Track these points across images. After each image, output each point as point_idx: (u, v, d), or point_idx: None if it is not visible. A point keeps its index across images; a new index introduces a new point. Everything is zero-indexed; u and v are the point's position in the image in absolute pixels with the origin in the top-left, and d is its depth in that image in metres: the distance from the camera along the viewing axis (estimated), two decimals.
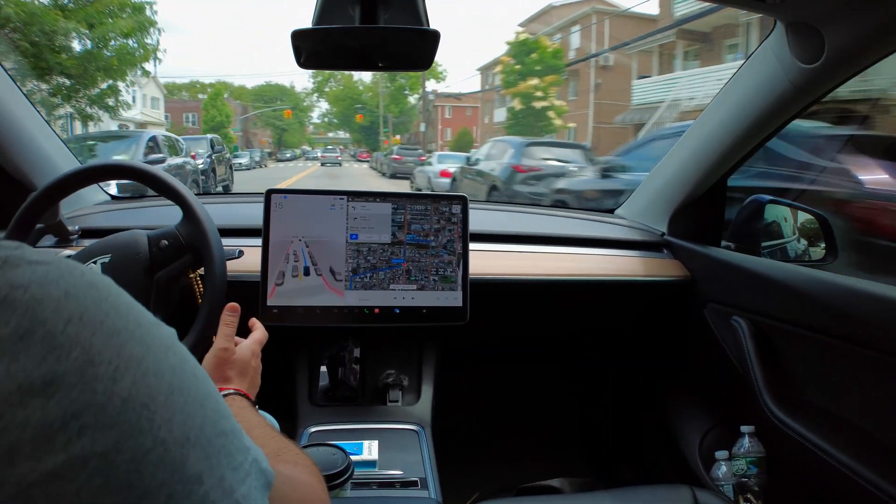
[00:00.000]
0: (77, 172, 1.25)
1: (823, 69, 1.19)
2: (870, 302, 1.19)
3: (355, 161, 52.60)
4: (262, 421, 0.84)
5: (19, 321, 0.32)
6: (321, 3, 0.96)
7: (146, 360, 0.36)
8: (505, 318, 1.81)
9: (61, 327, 0.33)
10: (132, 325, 0.37)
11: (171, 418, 0.36)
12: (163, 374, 0.37)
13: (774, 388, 1.41)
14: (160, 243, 1.23)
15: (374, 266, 1.46)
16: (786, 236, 1.68)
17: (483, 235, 1.71)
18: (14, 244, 0.37)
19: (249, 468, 0.43)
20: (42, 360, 0.32)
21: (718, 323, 1.62)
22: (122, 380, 0.34)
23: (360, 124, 56.60)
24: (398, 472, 1.26)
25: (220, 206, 1.86)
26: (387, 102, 52.21)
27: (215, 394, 0.43)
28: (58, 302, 0.34)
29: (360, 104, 57.48)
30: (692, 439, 1.70)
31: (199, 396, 0.39)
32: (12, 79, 1.49)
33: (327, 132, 78.90)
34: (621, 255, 1.78)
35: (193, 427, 0.37)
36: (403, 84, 51.75)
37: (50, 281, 0.35)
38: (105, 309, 0.36)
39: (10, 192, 1.53)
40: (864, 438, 1.23)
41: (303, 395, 1.53)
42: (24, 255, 0.36)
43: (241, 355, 0.98)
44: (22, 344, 0.32)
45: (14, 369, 0.31)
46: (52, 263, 0.36)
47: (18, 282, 0.34)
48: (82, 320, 0.34)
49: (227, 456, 0.40)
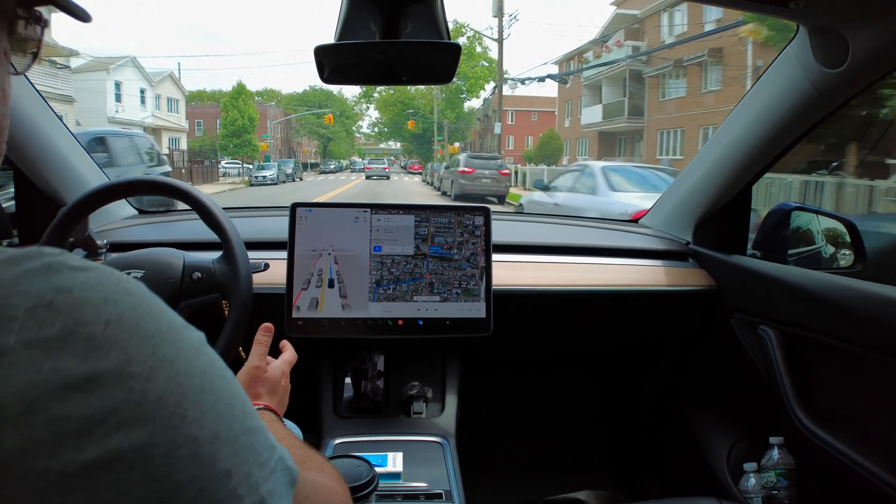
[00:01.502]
0: (108, 187, 1.28)
1: (848, 73, 1.18)
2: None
3: (405, 173, 49.20)
4: (290, 434, 0.85)
5: (64, 322, 0.34)
6: (343, 18, 0.97)
7: (178, 361, 0.38)
8: (529, 330, 1.80)
9: (101, 329, 0.35)
10: (164, 329, 0.39)
11: (201, 416, 0.38)
12: (193, 375, 0.39)
13: (804, 398, 1.39)
14: (193, 275, 1.23)
15: (398, 278, 1.46)
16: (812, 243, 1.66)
17: (506, 246, 1.71)
18: (56, 251, 0.39)
19: (275, 465, 0.45)
20: (84, 359, 0.34)
21: (745, 333, 1.59)
22: (156, 378, 0.36)
23: (412, 132, 52.04)
24: (423, 485, 1.26)
25: (247, 219, 1.88)
26: (442, 107, 48.21)
27: (242, 394, 0.44)
28: (98, 306, 0.36)
29: (412, 109, 52.37)
30: (719, 451, 1.67)
31: (227, 396, 0.41)
32: (41, 96, 1.53)
33: (378, 143, 75.00)
34: (646, 264, 1.76)
35: (222, 425, 0.39)
36: (461, 86, 46.97)
37: (90, 286, 0.37)
38: (140, 313, 0.38)
39: (40, 207, 1.57)
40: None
41: (327, 407, 1.54)
42: (66, 262, 0.38)
43: (271, 374, 1.00)
44: (66, 343, 0.34)
45: (59, 366, 0.33)
46: (91, 270, 0.38)
47: (62, 286, 0.36)
48: (120, 323, 0.36)
49: (254, 453, 0.42)
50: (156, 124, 32.96)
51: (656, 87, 26.53)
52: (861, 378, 1.31)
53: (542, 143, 33.59)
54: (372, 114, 69.89)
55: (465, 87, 46.65)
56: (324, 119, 50.62)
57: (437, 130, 48.37)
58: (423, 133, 52.54)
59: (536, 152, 33.37)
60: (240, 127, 38.64)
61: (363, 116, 70.88)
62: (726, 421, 1.75)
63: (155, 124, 32.86)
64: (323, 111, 51.13)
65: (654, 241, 1.88)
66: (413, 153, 59.78)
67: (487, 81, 45.76)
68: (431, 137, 50.60)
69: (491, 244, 1.50)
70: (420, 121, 49.72)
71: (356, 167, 53.01)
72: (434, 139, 49.16)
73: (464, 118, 49.87)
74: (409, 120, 47.52)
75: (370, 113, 70.16)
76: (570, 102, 35.37)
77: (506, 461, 2.09)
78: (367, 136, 76.02)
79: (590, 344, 2.01)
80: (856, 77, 1.19)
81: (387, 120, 59.67)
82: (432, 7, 0.97)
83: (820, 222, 1.68)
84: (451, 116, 47.64)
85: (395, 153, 74.89)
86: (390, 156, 70.34)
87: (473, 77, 45.08)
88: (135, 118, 30.74)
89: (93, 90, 26.48)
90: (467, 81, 45.43)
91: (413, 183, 32.80)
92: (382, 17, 0.97)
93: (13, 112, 1.41)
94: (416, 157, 55.86)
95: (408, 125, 47.22)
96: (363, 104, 65.81)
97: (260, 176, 28.92)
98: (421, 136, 53.49)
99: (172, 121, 35.90)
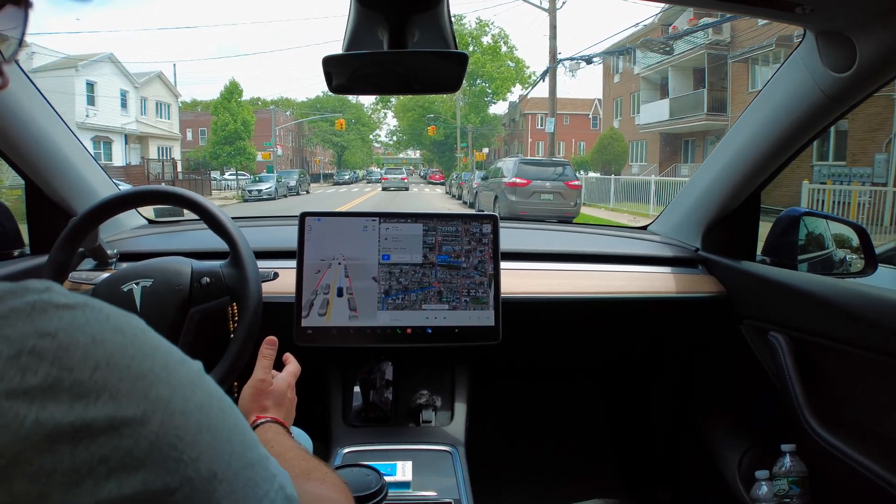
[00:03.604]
0: (118, 198, 1.29)
1: (856, 77, 1.17)
2: None
3: (426, 184, 45.62)
4: (296, 445, 0.86)
5: (48, 370, 0.33)
6: (351, 29, 0.98)
7: (173, 400, 0.37)
8: (538, 337, 1.80)
9: (89, 374, 0.34)
10: (158, 367, 0.38)
11: (198, 457, 0.37)
12: (190, 413, 0.38)
13: (815, 405, 1.38)
14: (202, 280, 1.24)
15: (406, 287, 1.46)
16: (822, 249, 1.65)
17: (515, 254, 1.71)
18: (42, 286, 0.37)
19: (275, 496, 0.44)
20: (70, 408, 0.32)
21: (755, 339, 1.59)
22: (149, 422, 0.35)
23: (433, 139, 47.47)
24: (432, 494, 1.26)
25: (256, 228, 1.89)
26: (465, 112, 43.66)
27: (241, 425, 0.43)
28: (85, 349, 0.35)
29: (433, 114, 47.74)
30: (731, 458, 1.66)
31: (226, 430, 0.40)
32: (52, 107, 1.54)
33: (396, 152, 71.02)
34: (655, 271, 1.76)
35: (220, 462, 0.38)
36: (485, 88, 43.46)
37: (77, 327, 0.35)
38: (131, 353, 0.37)
39: (51, 217, 1.58)
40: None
41: (336, 416, 1.54)
42: (51, 300, 0.36)
43: (277, 387, 1.00)
44: (51, 392, 0.32)
45: (43, 417, 0.32)
46: (78, 307, 0.37)
47: (46, 329, 0.34)
48: (109, 366, 0.35)
49: (254, 487, 0.41)
50: (141, 131, 30.08)
51: (744, 76, 21.14)
52: (873, 384, 1.30)
53: (602, 146, 27.02)
54: (390, 121, 66.00)
55: (490, 88, 43.55)
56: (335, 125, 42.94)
57: (459, 136, 44.60)
58: (445, 140, 48.82)
59: (595, 157, 27.44)
60: (232, 132, 33.18)
61: (381, 125, 67.29)
62: (737, 428, 1.74)
63: (140, 131, 29.98)
64: (335, 115, 45.26)
65: (662, 247, 1.87)
66: (434, 162, 55.95)
67: (514, 83, 42.93)
68: (454, 144, 46.85)
69: (499, 252, 1.50)
70: (441, 126, 45.78)
71: (373, 177, 48.18)
72: (457, 146, 45.26)
73: (489, 122, 46.67)
74: (430, 126, 44.03)
75: (388, 121, 66.44)
76: (620, 100, 30.03)
77: (515, 469, 2.08)
78: (386, 145, 72.78)
79: (598, 351, 2.00)
80: (864, 80, 1.19)
81: (405, 127, 55.47)
82: (439, 17, 0.97)
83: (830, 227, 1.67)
84: (476, 121, 44.00)
85: (414, 162, 71.96)
86: (409, 165, 67.39)
87: (500, 78, 42.20)
88: (113, 124, 27.62)
89: (56, 90, 21.21)
90: (493, 83, 42.60)
91: (436, 196, 28.71)
92: (390, 27, 0.98)
93: (23, 122, 1.42)
94: (437, 166, 52.37)
95: (428, 131, 43.78)
96: (380, 111, 62.93)
97: (255, 190, 25.57)
98: (442, 143, 49.57)
99: (162, 127, 32.60)
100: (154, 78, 31.42)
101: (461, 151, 43.77)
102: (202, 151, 36.20)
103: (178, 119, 35.04)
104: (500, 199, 13.32)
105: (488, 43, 42.52)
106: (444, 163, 50.15)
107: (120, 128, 27.94)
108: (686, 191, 1.89)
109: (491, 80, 42.49)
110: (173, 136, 33.49)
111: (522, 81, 43.44)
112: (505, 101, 45.79)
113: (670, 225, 1.97)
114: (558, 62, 19.18)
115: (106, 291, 1.22)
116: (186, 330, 1.21)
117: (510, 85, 43.28)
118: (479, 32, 42.38)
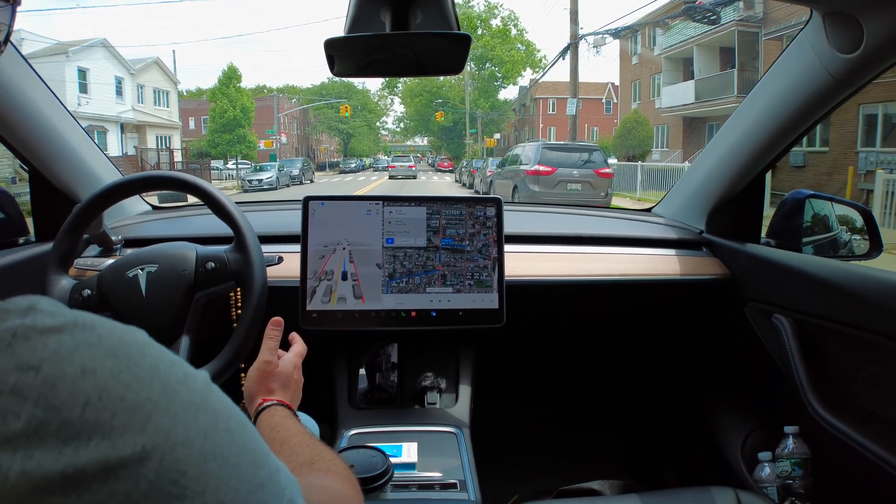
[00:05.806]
0: (122, 184, 1.29)
1: (863, 58, 1.16)
2: None
3: (434, 171, 44.52)
4: (302, 430, 0.86)
5: (32, 412, 0.29)
6: (353, 11, 0.97)
7: (174, 430, 0.34)
8: (541, 320, 1.80)
9: (79, 413, 0.30)
10: (156, 394, 0.34)
11: (203, 490, 0.33)
12: (193, 443, 0.34)
13: (819, 387, 1.38)
14: (207, 265, 1.24)
15: (410, 271, 1.47)
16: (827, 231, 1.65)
17: (519, 237, 1.71)
18: (25, 306, 0.34)
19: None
20: (59, 454, 0.29)
21: (760, 322, 1.59)
22: (148, 459, 0.32)
23: (441, 125, 45.88)
24: (437, 474, 1.27)
25: (260, 213, 1.90)
26: (474, 96, 42.45)
27: (251, 442, 0.40)
28: (73, 383, 0.31)
29: (441, 99, 46.43)
30: (734, 440, 1.67)
31: (234, 455, 0.37)
32: (54, 94, 1.54)
33: (404, 140, 70.20)
34: (660, 254, 1.76)
35: (228, 491, 0.35)
36: (495, 72, 42.10)
37: (64, 356, 0.32)
38: (126, 380, 0.33)
39: (55, 203, 1.58)
40: None
41: (342, 399, 1.55)
42: (35, 324, 0.33)
43: (283, 368, 1.00)
44: (36, 438, 0.29)
45: (29, 467, 0.28)
46: (66, 330, 0.33)
47: (28, 362, 0.31)
48: (101, 400, 0.31)
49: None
50: (138, 120, 28.49)
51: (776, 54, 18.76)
52: (876, 367, 1.30)
53: (626, 131, 24.65)
54: (397, 108, 64.70)
55: (499, 72, 42.18)
56: (347, 116, 44.44)
57: (469, 122, 42.96)
58: (454, 126, 46.87)
59: (617, 142, 25.14)
60: (230, 119, 32.10)
61: (387, 111, 66.08)
62: (741, 410, 1.74)
63: (137, 120, 28.39)
64: (340, 101, 44.73)
65: (667, 230, 1.87)
66: (442, 149, 53.37)
67: (524, 67, 42.20)
68: (462, 131, 45.11)
69: (503, 235, 1.50)
70: (449, 112, 44.37)
71: (380, 165, 46.45)
72: (466, 132, 43.63)
73: (499, 107, 45.00)
74: (438, 111, 42.92)
75: (395, 107, 65.27)
76: (639, 82, 27.92)
77: (520, 451, 2.09)
78: (393, 132, 71.68)
79: (602, 334, 2.00)
80: (871, 62, 1.17)
81: (412, 113, 54.08)
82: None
83: (835, 209, 1.67)
84: (485, 106, 42.59)
85: (421, 149, 70.69)
86: (416, 152, 66.15)
87: (510, 62, 41.36)
88: (108, 112, 26.03)
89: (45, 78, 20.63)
90: (503, 67, 41.43)
91: (445, 184, 27.89)
92: (392, 9, 0.97)
93: (26, 110, 1.42)
94: (446, 154, 50.30)
95: (436, 117, 42.75)
96: (387, 97, 61.12)
97: (255, 180, 24.58)
98: (451, 129, 47.63)
99: (161, 115, 30.93)
100: (151, 64, 30.13)
101: (470, 138, 42.77)
102: (203, 140, 35.40)
103: (178, 107, 33.75)
104: (521, 188, 12.14)
105: (497, 26, 41.75)
106: (453, 150, 48.73)
107: (115, 116, 26.76)
108: (690, 173, 1.88)
109: (501, 64, 41.62)
110: (173, 125, 32.22)
111: (533, 65, 42.65)
112: (515, 85, 45.06)
113: (675, 207, 1.96)
114: (581, 37, 17.31)
115: (111, 277, 1.22)
116: (192, 315, 1.21)
117: (521, 69, 42.61)
118: (488, 15, 41.63)
